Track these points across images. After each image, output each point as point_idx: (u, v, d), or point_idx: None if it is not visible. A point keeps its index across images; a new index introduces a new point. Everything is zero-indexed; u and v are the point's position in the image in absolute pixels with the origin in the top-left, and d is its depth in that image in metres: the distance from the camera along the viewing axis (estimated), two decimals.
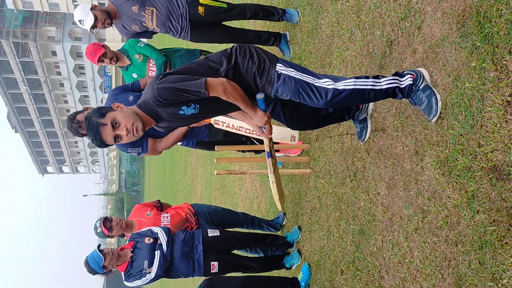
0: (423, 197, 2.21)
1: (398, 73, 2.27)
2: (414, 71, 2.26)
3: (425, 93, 2.18)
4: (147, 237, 3.39)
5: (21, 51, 45.89)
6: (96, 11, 3.61)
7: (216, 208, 4.06)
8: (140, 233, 3.49)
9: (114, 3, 3.65)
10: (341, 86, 2.20)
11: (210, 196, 8.59)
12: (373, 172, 2.70)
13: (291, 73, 2.22)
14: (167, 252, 3.33)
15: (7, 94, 50.93)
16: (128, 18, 3.66)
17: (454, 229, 1.99)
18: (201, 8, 3.69)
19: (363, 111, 2.80)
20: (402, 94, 2.25)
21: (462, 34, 2.01)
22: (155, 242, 3.36)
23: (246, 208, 5.66)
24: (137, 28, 3.75)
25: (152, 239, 3.37)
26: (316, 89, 2.21)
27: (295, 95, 2.24)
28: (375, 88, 2.22)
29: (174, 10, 3.66)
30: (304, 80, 2.22)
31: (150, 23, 3.69)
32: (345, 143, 3.11)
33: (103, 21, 3.62)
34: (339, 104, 2.27)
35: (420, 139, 2.27)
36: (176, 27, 3.73)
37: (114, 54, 4.22)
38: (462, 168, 1.96)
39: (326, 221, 3.28)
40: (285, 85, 2.22)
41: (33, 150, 61.52)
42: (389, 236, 2.48)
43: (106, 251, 3.29)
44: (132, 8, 3.59)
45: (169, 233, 3.47)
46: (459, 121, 2.00)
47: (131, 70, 4.33)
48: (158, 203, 4.05)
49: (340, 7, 3.22)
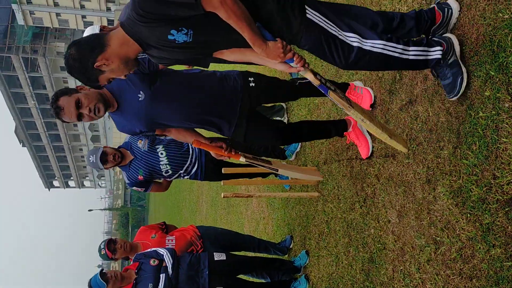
0: (435, 228, 2.15)
1: (428, 41, 2.01)
2: (446, 40, 2.02)
3: (452, 70, 2.00)
4: (152, 258, 3.33)
5: (30, 66, 46.41)
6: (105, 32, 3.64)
7: (222, 231, 4.01)
8: (146, 253, 3.43)
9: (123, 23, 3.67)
10: (368, 46, 1.91)
11: (215, 215, 8.53)
12: (383, 199, 2.65)
13: (319, 20, 1.89)
14: (172, 275, 3.27)
15: (15, 109, 51.38)
16: None
17: (469, 263, 1.93)
18: None
19: (442, 26, 2.14)
20: (427, 67, 2.05)
21: (475, 62, 1.97)
22: (160, 264, 3.30)
23: (252, 229, 5.59)
24: None
25: (157, 261, 3.31)
26: (340, 44, 1.91)
27: (316, 47, 1.92)
28: (402, 57, 1.96)
29: None
30: (329, 31, 1.89)
31: None
32: (354, 168, 3.07)
33: None
34: (359, 68, 2.05)
35: (432, 167, 2.22)
36: None
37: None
38: (476, 200, 1.91)
39: (335, 247, 3.22)
40: (309, 34, 1.88)
41: (40, 164, 61.76)
42: (400, 266, 2.41)
43: (109, 276, 3.23)
44: None
45: (175, 255, 3.42)
46: (473, 151, 1.95)
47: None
48: (164, 225, 4.00)
49: None
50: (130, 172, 3.65)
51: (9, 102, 50.44)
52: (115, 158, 3.56)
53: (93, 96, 2.38)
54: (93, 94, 2.39)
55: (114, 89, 2.47)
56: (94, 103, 2.37)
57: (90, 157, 3.57)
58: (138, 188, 3.78)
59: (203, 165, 3.80)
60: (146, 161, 3.62)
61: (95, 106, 2.38)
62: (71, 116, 2.38)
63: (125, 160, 3.64)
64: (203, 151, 3.78)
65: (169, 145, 3.70)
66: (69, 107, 2.34)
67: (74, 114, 2.37)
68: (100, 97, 2.41)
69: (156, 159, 3.63)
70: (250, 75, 2.65)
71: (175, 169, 3.71)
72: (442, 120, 2.17)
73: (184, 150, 3.74)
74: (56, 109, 2.36)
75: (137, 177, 3.66)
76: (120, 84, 2.45)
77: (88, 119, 2.41)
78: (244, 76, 2.63)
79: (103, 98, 2.43)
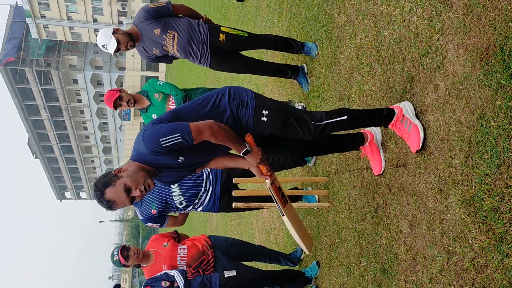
0: (448, 237, 2.14)
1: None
2: None
3: None
4: (164, 280, 3.35)
5: (44, 79, 47.11)
6: (118, 35, 3.64)
7: (233, 241, 4.01)
8: (156, 277, 3.44)
9: (137, 25, 3.67)
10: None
11: (226, 226, 8.53)
12: (395, 209, 2.64)
13: None
14: None
15: (28, 121, 52.08)
16: (149, 41, 3.69)
17: (482, 273, 1.91)
18: (222, 36, 3.71)
19: None
20: None
21: (486, 72, 1.98)
22: (172, 285, 3.32)
23: (262, 239, 5.58)
24: (158, 52, 3.78)
25: (168, 283, 3.32)
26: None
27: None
28: None
29: (195, 36, 3.69)
30: None
31: (171, 47, 3.72)
32: (365, 178, 3.07)
33: (126, 43, 3.63)
34: None
35: (444, 177, 2.22)
36: (196, 52, 3.76)
37: (131, 96, 4.29)
38: (489, 209, 1.90)
39: (346, 257, 3.21)
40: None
41: (52, 175, 62.34)
42: (412, 277, 2.40)
43: None
44: (154, 31, 3.61)
45: (186, 275, 3.43)
46: (485, 160, 1.95)
47: (151, 111, 4.39)
48: (176, 234, 4.02)
49: (359, 42, 3.23)
50: (143, 207, 3.59)
51: (23, 114, 51.15)
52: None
53: (138, 176, 2.16)
54: (136, 173, 2.17)
55: (151, 162, 2.23)
56: (142, 182, 2.17)
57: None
58: (153, 224, 3.71)
59: (218, 195, 3.67)
60: (158, 193, 3.54)
61: (144, 186, 2.17)
62: (125, 203, 2.21)
63: None
64: (218, 180, 3.69)
65: None
66: (120, 197, 2.16)
67: (128, 201, 2.20)
68: (144, 171, 2.19)
69: (168, 190, 3.55)
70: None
71: (189, 200, 3.59)
72: (453, 129, 2.17)
73: (196, 177, 3.64)
74: (107, 203, 2.17)
75: (151, 212, 3.58)
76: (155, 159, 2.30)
77: (140, 197, 2.22)
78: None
79: (147, 171, 2.21)
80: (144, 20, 3.61)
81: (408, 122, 2.50)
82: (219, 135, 2.16)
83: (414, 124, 2.46)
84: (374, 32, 3.02)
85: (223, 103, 2.35)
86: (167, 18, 3.64)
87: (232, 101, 2.36)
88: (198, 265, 3.69)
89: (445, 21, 2.28)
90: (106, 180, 2.16)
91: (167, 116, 2.24)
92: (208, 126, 2.14)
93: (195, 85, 12.37)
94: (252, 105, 2.37)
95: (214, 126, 2.15)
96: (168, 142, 2.08)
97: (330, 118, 2.47)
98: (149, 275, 3.69)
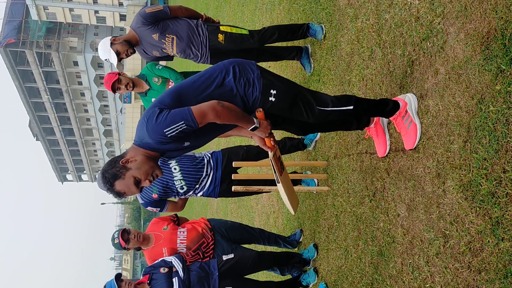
0: (445, 221, 2.16)
1: None
2: None
3: None
4: (162, 267, 3.39)
5: (44, 61, 46.93)
6: (116, 46, 3.64)
7: (233, 224, 4.04)
8: (154, 265, 3.48)
9: (135, 30, 3.63)
10: None
11: (226, 209, 8.59)
12: (393, 193, 2.66)
13: None
14: (185, 277, 3.31)
15: (29, 103, 52.03)
16: (148, 45, 3.66)
17: (477, 256, 1.94)
18: (221, 36, 3.64)
19: None
20: None
21: (486, 56, 1.97)
22: (170, 270, 3.36)
23: (262, 223, 5.63)
24: (158, 54, 3.74)
25: (167, 269, 3.37)
26: None
27: None
28: None
29: (194, 38, 3.63)
30: None
31: (170, 50, 3.68)
32: (364, 162, 3.08)
33: (126, 52, 3.64)
34: None
35: (442, 161, 2.22)
36: (196, 53, 3.71)
37: (130, 80, 4.26)
38: (486, 194, 1.91)
39: (344, 240, 3.24)
40: None
41: (53, 158, 62.55)
42: (409, 260, 2.42)
43: (123, 283, 3.31)
44: (152, 36, 3.57)
45: (183, 260, 3.47)
46: (483, 145, 1.95)
47: (150, 95, 4.36)
48: (175, 217, 4.05)
49: (360, 25, 3.20)
50: (144, 192, 3.60)
51: (23, 96, 51.08)
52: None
53: (146, 167, 2.17)
54: (143, 164, 2.17)
55: (157, 150, 2.23)
56: (151, 173, 2.19)
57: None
58: (153, 208, 3.72)
59: (218, 179, 3.68)
60: (160, 178, 3.54)
61: (152, 176, 2.20)
62: (134, 193, 2.28)
63: None
64: (219, 164, 3.69)
65: (182, 159, 3.62)
66: (130, 189, 2.18)
67: (138, 191, 2.24)
68: (151, 161, 2.20)
69: (169, 175, 3.56)
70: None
71: (190, 185, 3.61)
72: (452, 114, 2.17)
73: (197, 162, 3.65)
74: (117, 194, 2.20)
75: (151, 196, 3.59)
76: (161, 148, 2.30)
77: (149, 185, 2.26)
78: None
79: (153, 159, 2.21)
80: (142, 26, 3.56)
81: (409, 120, 2.50)
82: (223, 115, 2.10)
83: (414, 124, 2.47)
84: (375, 15, 2.99)
85: (228, 82, 2.24)
86: (165, 22, 3.58)
87: (237, 80, 2.25)
88: (198, 248, 3.73)
89: (447, 5, 2.26)
90: (115, 172, 2.14)
91: (169, 99, 2.14)
92: (211, 108, 2.08)
93: (194, 68, 12.30)
94: (260, 84, 2.27)
95: (217, 107, 2.09)
96: (173, 131, 2.04)
97: (337, 106, 2.42)
98: (149, 258, 3.74)
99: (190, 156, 3.69)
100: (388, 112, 2.57)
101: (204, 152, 3.82)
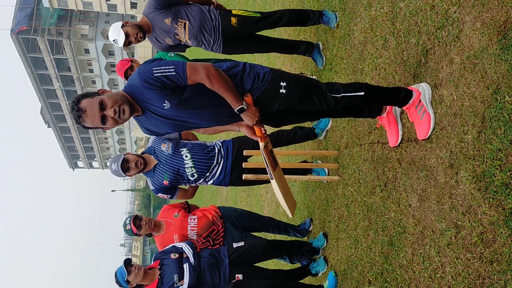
0: (457, 212, 2.15)
1: None
2: None
3: None
4: (172, 253, 3.42)
5: (56, 48, 47.09)
6: (127, 27, 3.61)
7: (243, 212, 4.06)
8: (165, 251, 3.51)
9: (147, 16, 3.62)
10: None
11: (236, 198, 8.62)
12: (404, 183, 2.65)
13: None
14: (195, 263, 3.34)
15: (41, 90, 52.40)
16: (161, 31, 3.64)
17: (490, 247, 1.93)
18: (234, 19, 3.62)
19: None
20: None
21: (503, 46, 1.94)
22: (181, 256, 3.39)
23: (272, 211, 5.65)
24: (170, 41, 3.72)
25: (177, 254, 3.40)
26: None
27: None
28: None
29: (206, 23, 3.61)
30: None
31: (183, 36, 3.66)
32: (376, 152, 3.06)
33: (135, 35, 3.59)
34: None
35: (456, 152, 2.21)
36: (208, 39, 3.69)
37: None
38: (499, 185, 1.90)
39: (354, 230, 3.24)
40: None
41: (64, 145, 63.12)
42: (420, 250, 2.42)
43: (133, 268, 3.34)
44: (165, 21, 3.56)
45: (193, 246, 3.49)
46: (498, 136, 1.93)
47: None
48: (186, 205, 4.08)
49: (374, 14, 3.17)
50: (155, 178, 3.62)
51: (35, 83, 51.44)
52: (137, 165, 3.52)
53: (117, 98, 2.21)
54: (117, 95, 2.23)
55: (138, 96, 2.28)
56: (119, 104, 2.20)
57: (112, 165, 3.52)
58: (164, 195, 3.75)
59: (229, 168, 3.67)
60: (171, 164, 3.56)
61: (119, 108, 2.19)
62: (94, 118, 2.20)
63: (149, 165, 3.60)
64: (230, 153, 3.69)
65: (193, 147, 3.63)
66: (92, 108, 2.17)
67: (98, 116, 2.19)
68: (125, 98, 2.24)
69: (181, 162, 3.57)
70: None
71: (200, 173, 3.61)
72: (467, 104, 2.15)
73: (209, 150, 3.66)
74: (77, 111, 2.18)
75: (162, 182, 3.61)
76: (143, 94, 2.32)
77: (112, 122, 2.23)
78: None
79: (128, 101, 2.25)
80: (154, 10, 3.55)
81: (423, 110, 2.47)
82: (214, 79, 2.11)
83: (428, 113, 2.44)
84: (389, 3, 2.96)
85: (239, 76, 2.30)
86: (178, 7, 3.57)
87: (247, 74, 2.31)
88: (208, 235, 3.76)
89: None
90: (87, 93, 2.26)
91: None
92: (204, 67, 2.10)
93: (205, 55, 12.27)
94: (268, 77, 2.32)
95: (211, 69, 2.11)
96: (160, 72, 2.10)
97: (347, 92, 2.42)
98: (160, 244, 3.78)
99: (202, 144, 3.70)
100: (401, 100, 2.54)
101: (215, 140, 3.83)
